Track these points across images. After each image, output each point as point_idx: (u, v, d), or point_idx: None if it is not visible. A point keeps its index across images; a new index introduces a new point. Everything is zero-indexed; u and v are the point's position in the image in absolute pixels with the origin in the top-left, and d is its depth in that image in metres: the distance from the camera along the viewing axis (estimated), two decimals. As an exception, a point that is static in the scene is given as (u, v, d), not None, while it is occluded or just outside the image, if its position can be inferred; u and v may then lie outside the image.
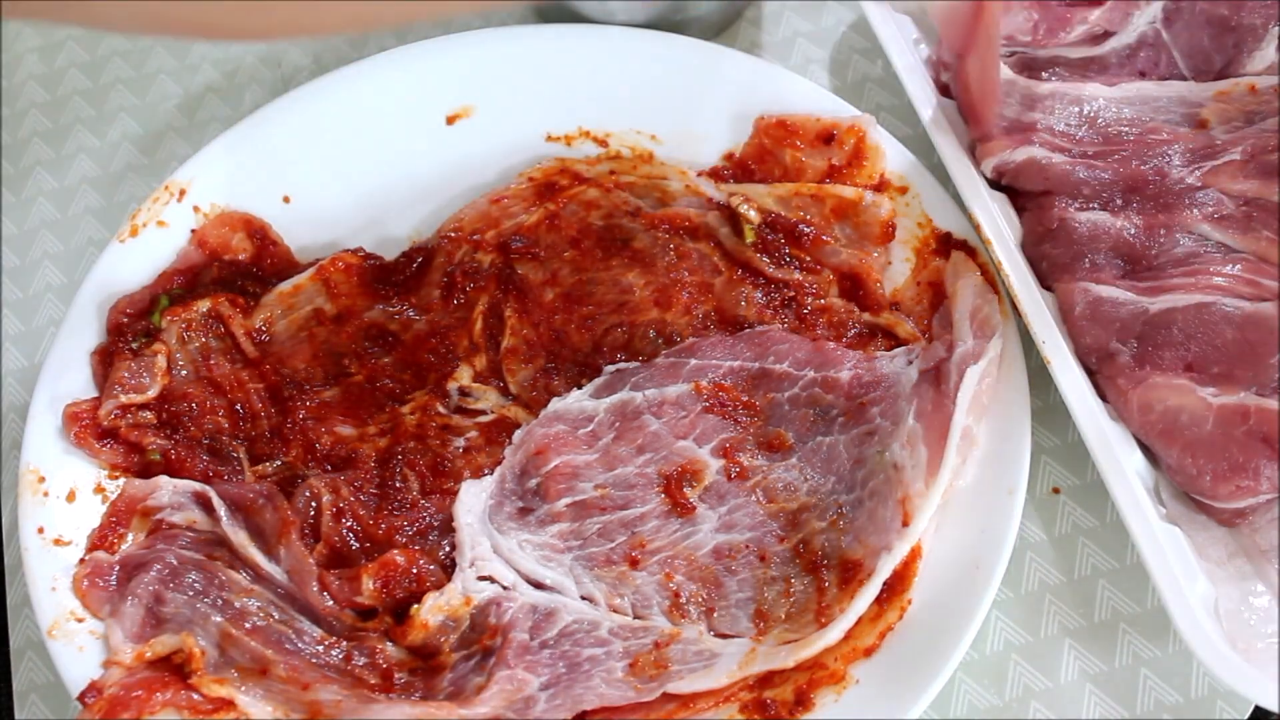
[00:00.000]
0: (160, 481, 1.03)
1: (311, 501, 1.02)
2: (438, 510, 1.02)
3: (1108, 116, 1.09)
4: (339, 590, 0.99)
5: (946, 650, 0.92)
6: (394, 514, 1.02)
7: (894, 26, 1.14)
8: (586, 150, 1.17)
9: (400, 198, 1.18)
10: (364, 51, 1.31)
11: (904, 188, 1.10)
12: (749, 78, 1.15)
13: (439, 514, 1.02)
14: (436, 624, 0.97)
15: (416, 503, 1.03)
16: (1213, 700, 0.98)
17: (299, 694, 0.95)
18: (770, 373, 1.05)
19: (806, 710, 0.93)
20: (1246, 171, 1.03)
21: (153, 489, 1.03)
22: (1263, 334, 0.97)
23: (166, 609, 0.98)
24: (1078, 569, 1.03)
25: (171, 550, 1.01)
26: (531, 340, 1.09)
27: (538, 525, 1.02)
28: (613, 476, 1.03)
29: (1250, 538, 0.97)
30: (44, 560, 1.00)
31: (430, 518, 1.02)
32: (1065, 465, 1.07)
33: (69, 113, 1.33)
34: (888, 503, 0.97)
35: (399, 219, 1.18)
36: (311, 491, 1.02)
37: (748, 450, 1.03)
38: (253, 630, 0.98)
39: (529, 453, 1.04)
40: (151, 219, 1.13)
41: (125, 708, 0.93)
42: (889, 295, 1.08)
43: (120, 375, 1.06)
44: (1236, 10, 1.11)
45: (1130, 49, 1.13)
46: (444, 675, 0.97)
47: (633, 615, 0.98)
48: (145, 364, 1.07)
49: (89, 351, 1.09)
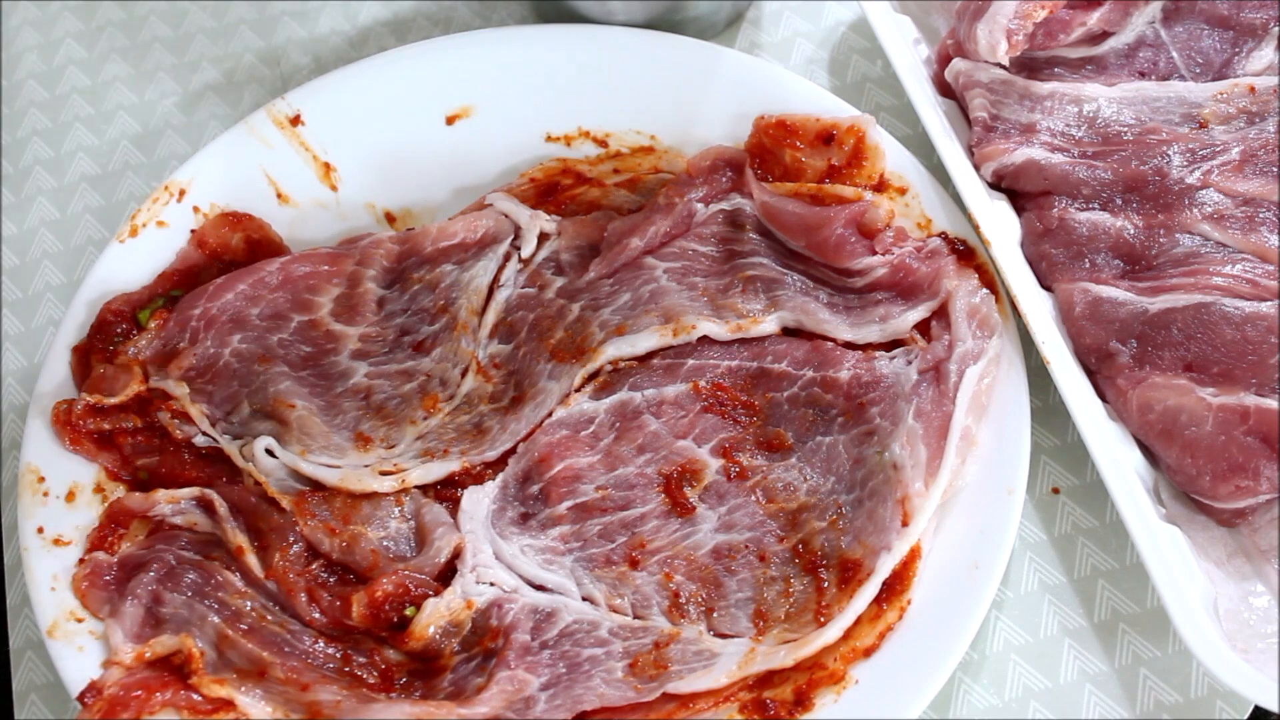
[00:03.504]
0: (157, 496, 1.03)
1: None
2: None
3: (1107, 117, 1.09)
4: (330, 607, 0.99)
5: (946, 650, 0.93)
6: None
7: (894, 26, 1.14)
8: (586, 150, 1.17)
9: (400, 197, 1.18)
10: (364, 51, 1.31)
11: (904, 188, 1.10)
12: (749, 78, 1.15)
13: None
14: (437, 630, 0.97)
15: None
16: (1212, 700, 0.98)
17: (298, 694, 0.95)
18: (769, 372, 1.05)
19: (806, 710, 0.93)
20: (1246, 171, 1.03)
21: (150, 505, 1.03)
22: (1263, 334, 0.97)
23: (165, 609, 0.99)
24: (1077, 569, 1.03)
25: (170, 550, 1.01)
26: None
27: (539, 529, 1.02)
28: (613, 477, 1.03)
29: (1250, 538, 0.97)
30: (44, 560, 1.00)
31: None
32: (1065, 465, 1.07)
33: (68, 111, 1.32)
34: (887, 503, 0.98)
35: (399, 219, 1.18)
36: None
37: (747, 450, 1.04)
38: (249, 631, 0.98)
39: (532, 460, 1.04)
40: (151, 219, 1.13)
41: (125, 708, 0.93)
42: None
43: (95, 376, 1.06)
44: (1236, 10, 1.11)
45: (1130, 49, 1.13)
46: (444, 676, 0.97)
47: (633, 615, 0.98)
48: (121, 365, 1.06)
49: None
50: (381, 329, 1.11)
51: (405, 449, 1.06)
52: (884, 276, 1.06)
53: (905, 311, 1.04)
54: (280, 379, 1.08)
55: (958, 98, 1.14)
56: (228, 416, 1.07)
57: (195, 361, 1.08)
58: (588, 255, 1.12)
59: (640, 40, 1.17)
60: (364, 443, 1.06)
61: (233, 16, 1.35)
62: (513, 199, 1.14)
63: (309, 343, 1.11)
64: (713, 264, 1.11)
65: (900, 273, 1.05)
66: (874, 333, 1.05)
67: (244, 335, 1.09)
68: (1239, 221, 1.02)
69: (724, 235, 1.11)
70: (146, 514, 1.03)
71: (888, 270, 1.05)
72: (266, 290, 1.10)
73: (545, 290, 1.11)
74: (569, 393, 1.06)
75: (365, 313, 1.11)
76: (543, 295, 1.11)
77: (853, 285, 1.07)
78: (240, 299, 1.10)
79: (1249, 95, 1.08)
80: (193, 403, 1.06)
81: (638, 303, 1.08)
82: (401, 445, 1.06)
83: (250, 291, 1.10)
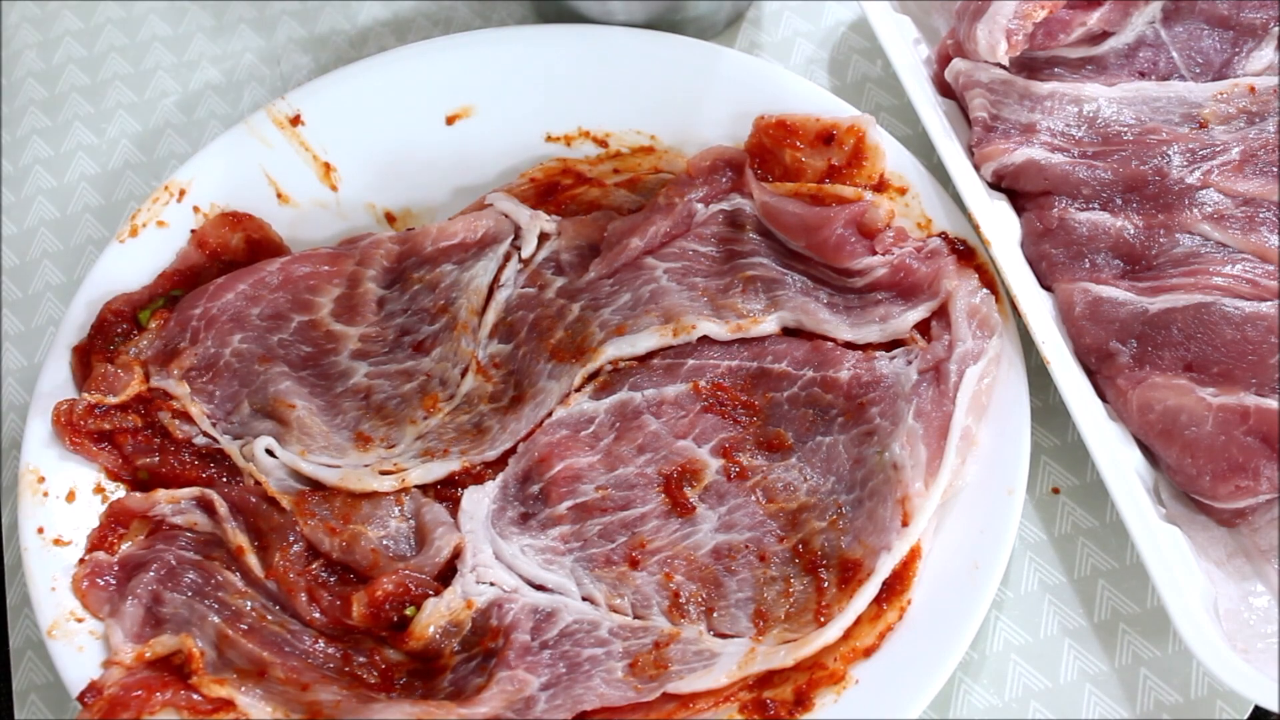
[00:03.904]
0: (157, 496, 1.03)
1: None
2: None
3: (1107, 117, 1.09)
4: (330, 607, 0.99)
5: (946, 650, 0.93)
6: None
7: (894, 26, 1.14)
8: (586, 150, 1.17)
9: (400, 197, 1.18)
10: (364, 51, 1.31)
11: (904, 188, 1.10)
12: (749, 78, 1.15)
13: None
14: (437, 630, 0.97)
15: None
16: (1212, 700, 0.98)
17: (298, 694, 0.95)
18: (769, 372, 1.05)
19: (806, 710, 0.93)
20: (1246, 171, 1.03)
21: (150, 505, 1.03)
22: (1263, 334, 0.97)
23: (165, 609, 0.99)
24: (1077, 569, 1.03)
25: (171, 550, 1.01)
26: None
27: (539, 529, 1.02)
28: (613, 477, 1.03)
29: (1250, 538, 0.97)
30: (44, 560, 1.00)
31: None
32: (1065, 465, 1.07)
33: (67, 110, 1.32)
34: (887, 502, 0.98)
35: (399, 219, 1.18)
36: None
37: (747, 450, 1.04)
38: (249, 631, 0.98)
39: (533, 460, 1.04)
40: (151, 219, 1.13)
41: (125, 708, 0.93)
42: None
43: (95, 375, 1.06)
44: (1236, 10, 1.11)
45: (1130, 49, 1.13)
46: (444, 676, 0.97)
47: (633, 615, 0.98)
48: (122, 364, 1.06)
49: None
50: (381, 329, 1.12)
51: (405, 449, 1.06)
52: (884, 277, 1.06)
53: (905, 311, 1.04)
54: (280, 379, 1.08)
55: (958, 98, 1.14)
56: (228, 416, 1.08)
57: (196, 361, 1.08)
58: (588, 255, 1.12)
59: (640, 40, 1.17)
60: (364, 442, 1.06)
61: (233, 16, 1.35)
62: (513, 199, 1.14)
63: (309, 343, 1.11)
64: (713, 264, 1.11)
65: (900, 273, 1.05)
66: (874, 333, 1.05)
67: (244, 335, 1.09)
68: (1239, 221, 1.02)
69: (724, 235, 1.11)
70: (146, 514, 1.03)
71: (888, 270, 1.05)
72: (267, 290, 1.10)
73: (545, 290, 1.11)
74: (569, 392, 1.06)
75: (365, 313, 1.11)
76: (543, 295, 1.11)
77: (853, 285, 1.07)
78: (240, 299, 1.10)
79: (1249, 95, 1.08)
80: (193, 402, 1.06)
81: (638, 303, 1.08)
82: (401, 445, 1.06)
83: (250, 291, 1.10)
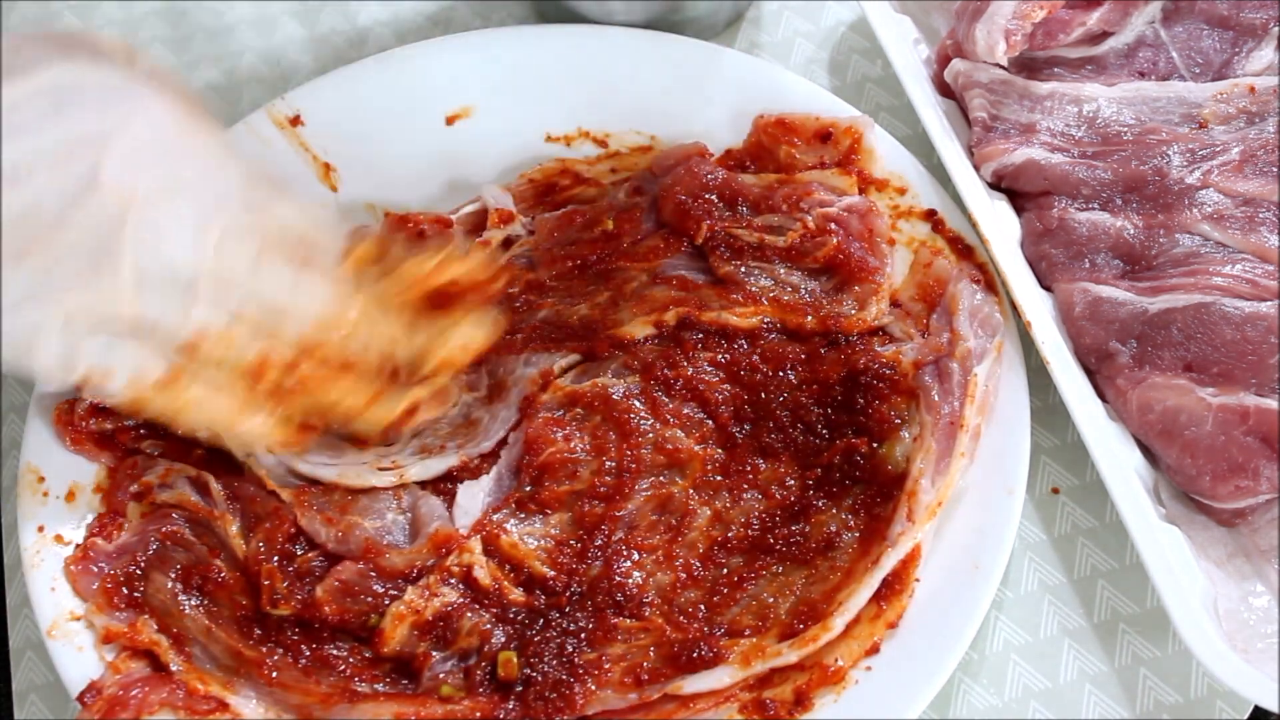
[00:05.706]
0: (157, 462, 1.03)
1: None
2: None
3: (1107, 117, 1.09)
4: (297, 595, 0.98)
5: (946, 650, 0.93)
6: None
7: (894, 26, 1.14)
8: (586, 150, 1.17)
9: (400, 198, 1.18)
10: (363, 51, 1.31)
11: (903, 188, 1.10)
12: (748, 78, 1.15)
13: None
14: (405, 632, 0.96)
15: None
16: (1212, 700, 0.98)
17: (284, 694, 0.95)
18: (760, 366, 1.05)
19: (806, 710, 0.93)
20: (1246, 171, 1.03)
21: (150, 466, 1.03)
22: (1263, 334, 0.97)
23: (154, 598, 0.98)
24: (1077, 569, 1.03)
25: (160, 534, 1.01)
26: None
27: (532, 521, 1.02)
28: (607, 470, 1.02)
29: (1250, 538, 0.97)
30: (44, 560, 1.00)
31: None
32: (1065, 465, 1.07)
33: (68, 112, 1.32)
34: (890, 499, 0.98)
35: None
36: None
37: (741, 444, 1.03)
38: (237, 624, 0.97)
39: (522, 451, 1.04)
40: (151, 219, 1.13)
41: (125, 708, 0.93)
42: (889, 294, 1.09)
43: None
44: (1236, 10, 1.11)
45: (1129, 49, 1.13)
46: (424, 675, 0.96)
47: (630, 614, 0.98)
48: None
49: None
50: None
51: (402, 446, 1.06)
52: (833, 261, 1.07)
53: (871, 297, 1.05)
54: (280, 379, 1.08)
55: (957, 98, 1.14)
56: (228, 415, 1.07)
57: (197, 360, 1.08)
58: (560, 251, 1.12)
59: (640, 40, 1.17)
60: (360, 442, 1.06)
61: (233, 16, 1.35)
62: (496, 187, 1.13)
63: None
64: (693, 259, 1.10)
65: (839, 254, 1.06)
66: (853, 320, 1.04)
67: (244, 335, 1.09)
68: (1239, 221, 1.02)
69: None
70: (144, 476, 1.03)
71: (829, 253, 1.07)
72: (265, 290, 1.10)
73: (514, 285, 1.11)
74: (550, 378, 1.06)
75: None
76: (511, 290, 1.11)
77: (812, 269, 1.08)
78: (240, 298, 1.09)
79: (1249, 95, 1.08)
80: (194, 401, 1.06)
81: (618, 297, 1.08)
82: (399, 443, 1.06)
83: (249, 291, 1.10)
